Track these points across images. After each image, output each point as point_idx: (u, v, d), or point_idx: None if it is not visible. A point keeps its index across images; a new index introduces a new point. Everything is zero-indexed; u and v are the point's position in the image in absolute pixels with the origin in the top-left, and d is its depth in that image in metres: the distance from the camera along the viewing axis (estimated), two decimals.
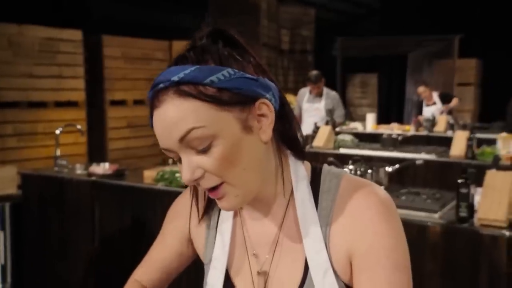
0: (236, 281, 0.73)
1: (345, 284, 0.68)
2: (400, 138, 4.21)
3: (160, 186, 2.67)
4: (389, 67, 10.38)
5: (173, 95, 0.61)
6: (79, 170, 3.11)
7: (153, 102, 0.63)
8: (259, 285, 0.71)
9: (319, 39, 9.05)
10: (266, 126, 0.65)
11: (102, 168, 3.02)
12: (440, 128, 5.03)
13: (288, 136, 0.70)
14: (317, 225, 0.67)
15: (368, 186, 0.69)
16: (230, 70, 0.62)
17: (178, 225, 0.82)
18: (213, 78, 0.61)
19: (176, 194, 0.81)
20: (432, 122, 5.10)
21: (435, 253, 1.92)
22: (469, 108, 8.36)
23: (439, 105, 5.73)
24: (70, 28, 5.25)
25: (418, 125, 5.18)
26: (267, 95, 0.65)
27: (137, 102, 6.10)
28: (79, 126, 3.95)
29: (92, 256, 2.92)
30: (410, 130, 5.17)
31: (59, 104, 5.16)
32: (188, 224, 0.80)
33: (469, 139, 3.40)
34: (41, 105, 4.99)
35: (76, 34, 5.31)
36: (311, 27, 8.87)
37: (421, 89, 5.79)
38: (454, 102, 5.71)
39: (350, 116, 7.95)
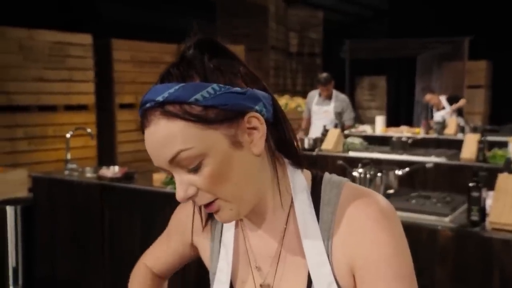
0: None
1: None
2: (410, 141, 4.18)
3: (169, 189, 2.68)
4: (398, 69, 10.33)
5: (159, 115, 0.60)
6: (89, 173, 3.13)
7: (142, 121, 0.63)
8: None
9: (327, 42, 9.05)
10: (257, 139, 0.63)
11: (112, 172, 3.03)
12: (450, 130, 4.99)
13: (284, 145, 0.69)
14: (319, 238, 0.67)
15: (368, 195, 0.68)
16: (215, 86, 0.60)
17: (183, 232, 0.83)
18: (198, 96, 0.59)
19: None
20: (442, 124, 5.06)
21: (446, 258, 1.90)
22: (480, 111, 8.29)
23: (448, 109, 5.69)
24: (79, 32, 5.30)
25: (428, 127, 5.14)
26: (257, 107, 0.63)
27: None
28: (89, 130, 3.98)
29: (102, 258, 2.93)
30: (420, 133, 5.13)
31: (69, 108, 5.20)
32: (191, 234, 0.81)
33: (480, 142, 3.37)
34: (52, 108, 5.04)
35: (86, 38, 5.35)
36: (319, 29, 8.86)
37: (428, 96, 5.76)
38: (461, 102, 5.67)
39: (359, 119, 7.91)
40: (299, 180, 0.70)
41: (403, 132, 5.17)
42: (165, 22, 8.09)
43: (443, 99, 5.78)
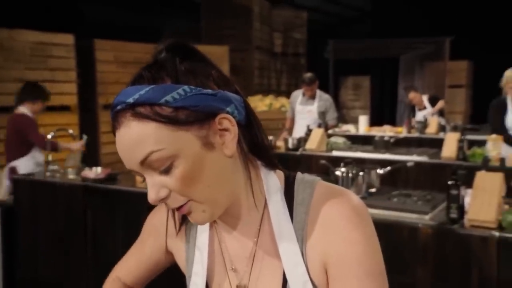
0: None
1: None
2: (392, 140, 4.23)
3: None
4: (381, 69, 10.44)
5: (130, 117, 0.60)
6: (71, 174, 3.10)
7: (113, 123, 0.63)
8: None
9: (312, 42, 9.10)
10: (229, 140, 0.64)
11: (94, 173, 3.01)
12: (432, 130, 5.06)
13: (256, 146, 0.69)
14: (293, 238, 0.67)
15: (341, 194, 0.68)
16: (186, 87, 0.61)
17: (156, 238, 0.83)
18: (168, 97, 0.60)
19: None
20: (424, 124, 5.13)
21: (426, 255, 1.94)
22: (461, 110, 8.42)
23: (429, 109, 5.78)
24: (62, 32, 5.24)
25: (410, 127, 5.21)
26: (228, 109, 0.63)
27: None
28: (71, 131, 3.94)
29: (85, 260, 2.91)
30: (402, 132, 5.20)
31: (52, 109, 5.13)
32: (165, 238, 0.81)
33: (460, 141, 3.43)
34: None
35: (68, 38, 5.29)
36: (304, 30, 8.91)
37: (411, 95, 5.84)
38: (439, 104, 5.78)
39: (343, 119, 7.99)
40: (272, 181, 0.70)
41: (386, 132, 5.23)
42: (149, 22, 8.04)
43: (425, 98, 5.86)
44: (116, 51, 5.91)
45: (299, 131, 4.80)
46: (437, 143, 4.05)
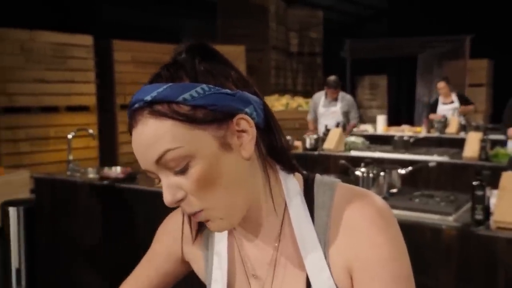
0: None
1: None
2: (411, 140, 4.18)
3: None
4: (399, 68, 10.32)
5: (147, 115, 0.60)
6: (91, 174, 3.13)
7: (130, 122, 0.62)
8: None
9: (327, 41, 9.05)
10: (247, 142, 0.62)
11: (114, 172, 3.03)
12: (452, 129, 4.99)
13: (275, 149, 0.67)
14: (316, 243, 0.65)
15: (363, 196, 0.67)
16: (204, 86, 0.60)
17: (170, 246, 0.80)
18: (186, 95, 0.59)
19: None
20: (444, 123, 5.06)
21: (450, 257, 1.90)
22: (481, 109, 8.28)
23: (456, 104, 5.70)
24: (81, 33, 5.30)
25: (430, 126, 5.14)
26: (247, 110, 0.62)
27: None
28: (90, 131, 3.97)
29: (104, 259, 2.93)
30: (421, 131, 5.13)
31: (71, 109, 5.20)
32: (180, 246, 0.78)
33: (483, 141, 3.37)
34: (53, 110, 5.04)
35: (87, 39, 5.35)
36: (320, 29, 8.86)
37: (441, 84, 5.76)
38: (470, 108, 5.73)
39: (360, 118, 7.92)
40: (291, 185, 0.68)
41: (405, 131, 5.18)
42: (166, 23, 8.09)
43: (453, 94, 5.80)
44: (134, 52, 5.96)
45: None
46: (458, 143, 3.99)
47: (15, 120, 4.74)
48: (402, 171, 2.45)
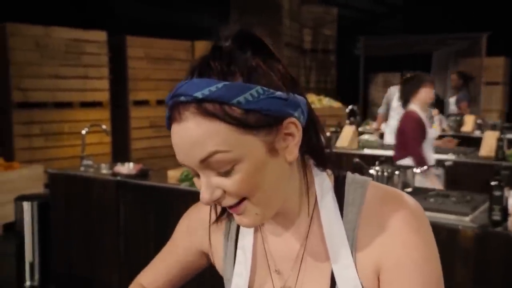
0: None
1: None
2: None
3: (184, 186, 2.68)
4: (413, 66, 10.18)
5: (195, 112, 0.56)
6: (105, 169, 3.15)
7: (173, 113, 0.59)
8: None
9: (342, 38, 8.97)
10: (293, 145, 0.61)
11: (127, 168, 3.04)
12: (467, 128, 4.91)
13: (313, 147, 0.66)
14: (344, 240, 0.64)
15: (396, 196, 0.65)
16: (259, 89, 0.57)
17: (192, 238, 0.79)
18: (241, 98, 0.56)
19: (199, 194, 0.75)
20: (459, 122, 4.99)
21: (467, 258, 1.87)
22: (497, 108, 8.16)
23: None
24: (94, 29, 5.33)
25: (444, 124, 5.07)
26: (296, 114, 0.60)
27: (160, 102, 6.15)
28: (104, 126, 4.00)
29: (117, 254, 2.94)
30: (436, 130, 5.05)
31: (85, 105, 5.24)
32: (204, 240, 0.77)
33: (499, 140, 3.31)
34: (67, 105, 5.08)
35: (101, 35, 5.38)
36: (334, 26, 8.79)
37: (454, 76, 5.75)
38: (466, 110, 5.72)
39: (373, 116, 7.85)
40: (324, 182, 0.67)
41: None
42: (178, 19, 8.10)
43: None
44: (147, 48, 5.97)
45: (394, 127, 4.71)
46: (473, 142, 3.93)
47: (29, 116, 4.79)
48: (417, 171, 2.41)
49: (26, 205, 3.09)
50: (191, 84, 0.57)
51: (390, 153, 3.70)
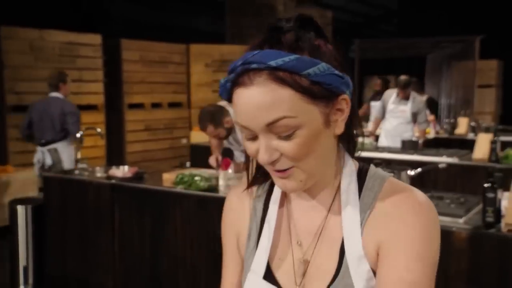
0: (277, 268, 0.75)
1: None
2: (420, 141, 4.14)
3: (179, 189, 2.68)
4: (407, 69, 10.24)
5: (268, 78, 0.62)
6: (99, 173, 3.14)
7: (240, 78, 0.64)
8: (299, 272, 0.73)
9: (337, 41, 9.01)
10: (341, 120, 0.68)
11: (122, 171, 3.04)
12: (461, 130, 4.94)
13: (349, 134, 0.73)
14: (357, 217, 0.70)
15: (409, 189, 0.71)
16: (324, 65, 0.64)
17: (232, 238, 0.82)
18: (310, 71, 0.63)
19: (194, 197, 0.76)
20: (453, 124, 5.02)
21: (461, 259, 1.88)
22: (490, 110, 8.21)
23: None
24: (89, 32, 5.32)
25: (439, 127, 5.09)
26: (347, 92, 0.68)
27: (155, 105, 6.14)
28: (99, 129, 3.99)
29: (112, 257, 2.93)
30: (430, 132, 5.08)
31: (79, 108, 5.22)
32: (235, 224, 0.81)
33: (493, 142, 3.33)
34: None
35: (96, 38, 5.37)
36: (329, 29, 8.81)
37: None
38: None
39: (368, 119, 7.88)
40: (350, 165, 0.74)
41: (414, 132, 5.12)
42: (174, 22, 8.10)
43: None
44: (142, 51, 5.97)
45: (389, 130, 4.73)
46: (467, 144, 3.95)
47: (23, 119, 4.77)
48: (411, 173, 2.42)
49: (21, 209, 3.08)
50: (264, 54, 0.63)
51: (385, 155, 3.72)
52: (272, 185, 0.79)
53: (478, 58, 7.62)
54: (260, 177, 0.77)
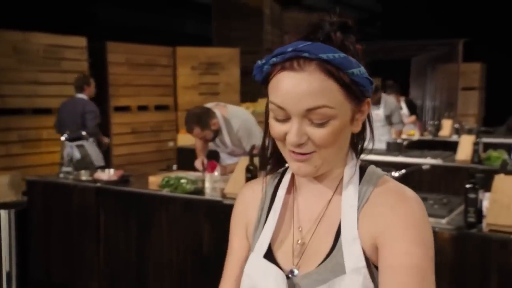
0: (277, 249, 0.81)
1: (373, 264, 0.74)
2: (405, 143, 4.19)
3: (165, 192, 2.67)
4: (392, 71, 10.36)
5: (317, 68, 0.69)
6: (84, 176, 3.11)
7: (288, 63, 0.70)
8: (296, 253, 0.79)
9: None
10: (360, 120, 0.76)
11: (107, 174, 3.02)
12: (445, 132, 5.01)
13: (360, 136, 0.80)
14: (355, 202, 0.76)
15: (402, 187, 0.77)
16: (362, 68, 0.72)
17: (243, 227, 0.86)
18: (355, 70, 0.70)
19: (181, 200, 0.78)
20: (437, 126, 5.08)
21: (443, 259, 1.90)
22: (473, 112, 8.34)
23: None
24: (74, 34, 5.28)
25: (423, 129, 5.16)
26: (369, 95, 0.76)
27: (141, 108, 6.10)
28: (83, 133, 3.96)
29: (97, 261, 2.91)
30: (414, 134, 5.14)
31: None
32: (244, 216, 0.86)
33: (475, 144, 3.38)
34: (46, 111, 5.00)
35: (81, 41, 5.33)
36: None
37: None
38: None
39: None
40: (353, 160, 0.80)
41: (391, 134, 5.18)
42: (160, 25, 8.08)
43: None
44: (128, 53, 5.93)
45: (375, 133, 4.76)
46: (451, 146, 4.01)
47: (7, 122, 4.71)
48: (395, 174, 2.44)
49: (4, 213, 3.04)
50: (317, 46, 0.70)
51: (370, 157, 3.74)
52: (282, 175, 0.85)
53: (462, 61, 7.74)
54: (276, 165, 0.84)
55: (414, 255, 0.69)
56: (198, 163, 3.03)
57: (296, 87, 0.69)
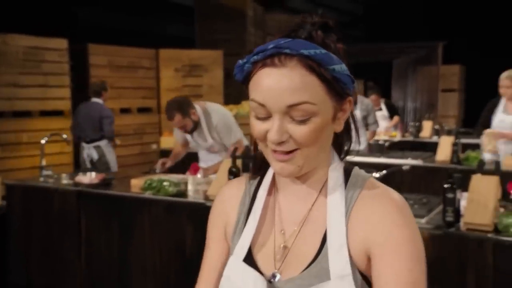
0: (257, 253, 0.79)
1: (359, 272, 0.72)
2: (387, 144, 4.24)
3: (147, 194, 2.66)
4: (374, 74, 10.48)
5: (298, 64, 0.68)
6: (65, 179, 3.08)
7: (269, 60, 0.69)
8: (278, 257, 0.77)
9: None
10: (342, 119, 0.75)
11: (89, 178, 2.99)
12: (425, 133, 5.09)
13: (342, 134, 0.78)
14: (342, 207, 0.74)
15: (388, 189, 0.76)
16: (344, 66, 0.71)
17: (221, 228, 0.85)
18: (336, 67, 0.70)
19: (163, 203, 0.78)
20: (418, 128, 5.16)
21: None
22: (453, 114, 8.48)
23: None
24: (55, 36, 5.21)
25: (404, 131, 5.23)
26: (351, 94, 0.75)
27: (124, 111, 6.05)
28: (64, 136, 3.91)
29: (79, 265, 2.88)
30: (396, 136, 5.21)
31: (45, 113, 5.09)
32: (224, 215, 0.84)
33: (454, 144, 3.45)
34: (26, 114, 4.93)
35: (62, 43, 5.26)
36: None
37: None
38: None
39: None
40: (337, 162, 0.79)
41: (380, 135, 5.25)
42: (143, 26, 8.02)
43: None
44: (110, 56, 5.88)
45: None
46: (431, 147, 4.07)
47: None
48: (376, 175, 2.48)
49: None
50: (298, 42, 0.69)
51: (351, 158, 3.78)
52: (262, 175, 0.83)
53: (441, 63, 7.87)
54: (262, 166, 0.82)
55: (415, 271, 0.69)
56: (159, 163, 3.19)
57: (277, 83, 0.68)
